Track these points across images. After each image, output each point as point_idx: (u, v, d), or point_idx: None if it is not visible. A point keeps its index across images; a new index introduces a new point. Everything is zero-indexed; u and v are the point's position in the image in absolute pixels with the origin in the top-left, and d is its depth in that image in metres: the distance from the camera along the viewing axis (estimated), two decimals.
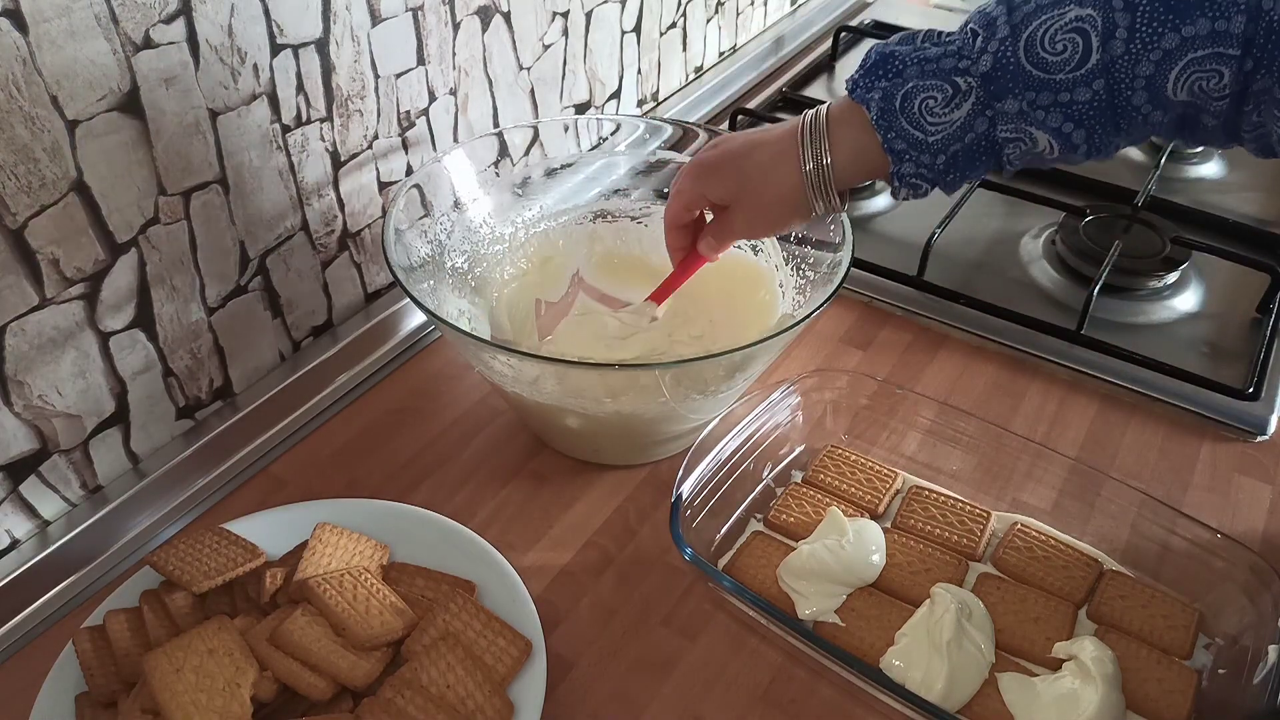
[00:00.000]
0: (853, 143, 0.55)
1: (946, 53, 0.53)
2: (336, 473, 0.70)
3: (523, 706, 0.53)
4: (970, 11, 0.54)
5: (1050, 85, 0.50)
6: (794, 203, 0.57)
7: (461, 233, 0.73)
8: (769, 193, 0.58)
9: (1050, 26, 0.49)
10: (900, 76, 0.53)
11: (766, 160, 0.57)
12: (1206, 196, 1.00)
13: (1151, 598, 0.60)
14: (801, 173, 0.56)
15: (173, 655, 0.50)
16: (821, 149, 0.55)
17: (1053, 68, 0.49)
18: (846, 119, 0.55)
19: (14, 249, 0.54)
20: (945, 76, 0.52)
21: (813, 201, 0.57)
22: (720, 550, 0.64)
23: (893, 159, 0.54)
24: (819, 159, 0.55)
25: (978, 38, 0.52)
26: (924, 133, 0.53)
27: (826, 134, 0.55)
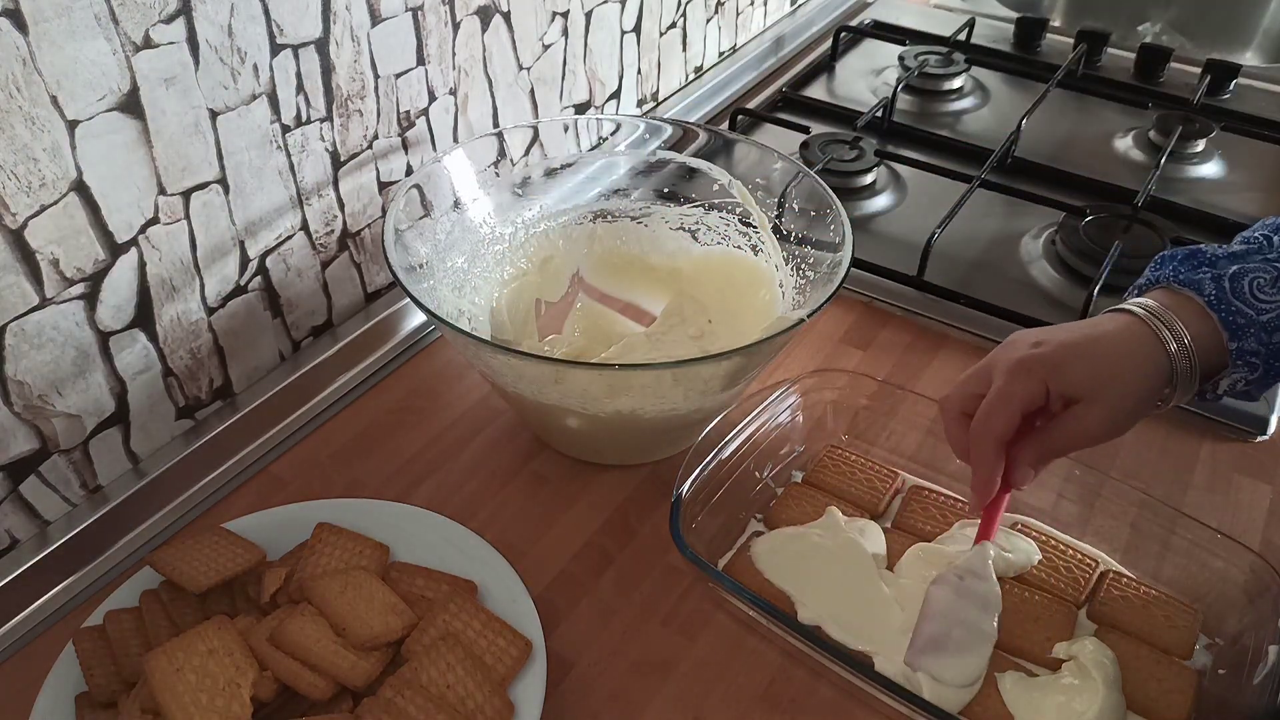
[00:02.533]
0: (1192, 328, 0.53)
1: (1248, 249, 0.56)
2: (336, 473, 0.70)
3: (523, 706, 0.53)
4: None
5: None
6: (1155, 390, 0.54)
7: (461, 233, 0.73)
8: (1136, 380, 0.53)
9: None
10: (1216, 266, 0.55)
11: (1126, 349, 0.53)
12: (1206, 196, 1.00)
13: (1151, 598, 0.60)
14: (1167, 354, 0.53)
15: (173, 655, 0.50)
16: (1179, 330, 0.53)
17: None
18: (1174, 306, 0.54)
19: (14, 249, 0.54)
20: (1262, 262, 0.54)
21: (1176, 383, 0.54)
22: (720, 550, 0.64)
23: (1231, 335, 0.53)
24: (1181, 339, 0.53)
25: (1272, 240, 0.55)
26: (1256, 311, 0.53)
27: (1177, 318, 0.54)
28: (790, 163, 0.74)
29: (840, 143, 1.02)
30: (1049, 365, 0.53)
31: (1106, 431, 0.54)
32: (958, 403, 0.57)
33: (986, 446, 0.54)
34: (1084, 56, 1.21)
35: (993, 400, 0.54)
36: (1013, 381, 0.53)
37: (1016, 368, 0.54)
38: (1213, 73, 1.16)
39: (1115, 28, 1.27)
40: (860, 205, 0.98)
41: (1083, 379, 0.53)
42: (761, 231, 0.75)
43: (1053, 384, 0.53)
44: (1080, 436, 0.54)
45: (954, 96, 1.18)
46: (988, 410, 0.54)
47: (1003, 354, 0.55)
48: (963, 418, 0.56)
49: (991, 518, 0.58)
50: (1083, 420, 0.54)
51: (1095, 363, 0.53)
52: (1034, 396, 0.54)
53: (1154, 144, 1.07)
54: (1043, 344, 0.54)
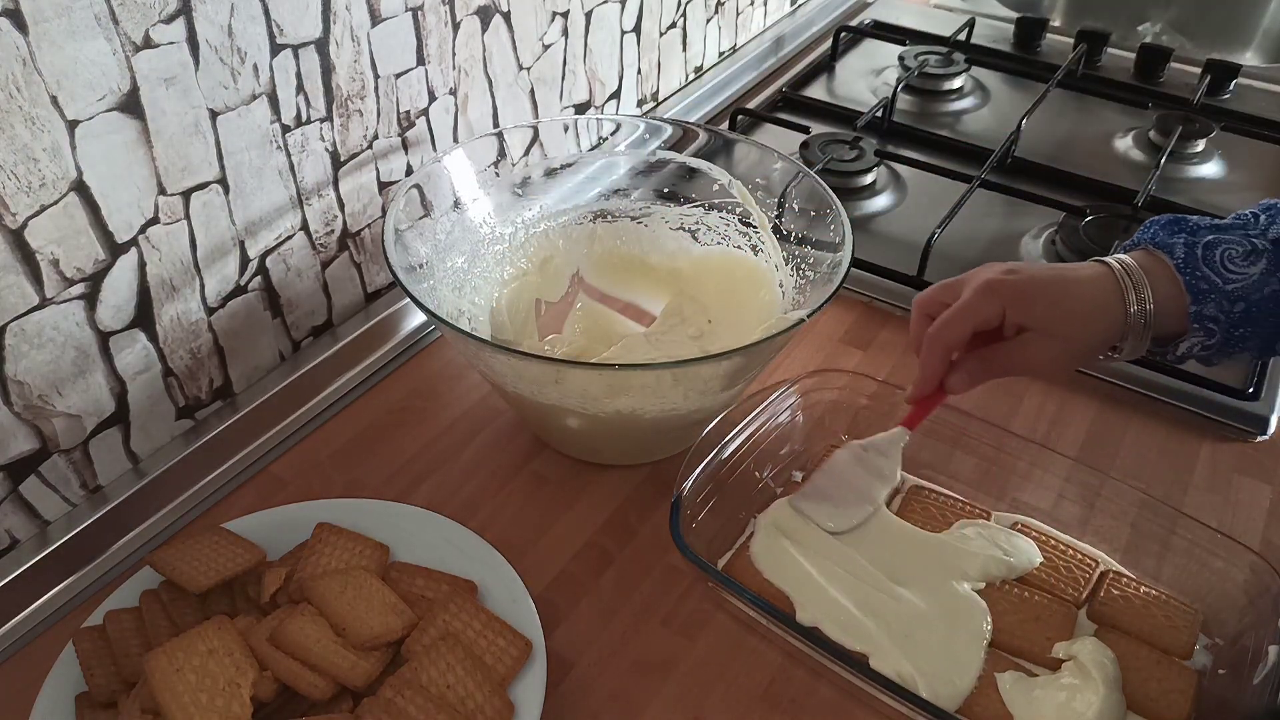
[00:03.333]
0: (1160, 290, 0.56)
1: (1233, 223, 0.58)
2: (336, 473, 0.70)
3: (523, 706, 0.53)
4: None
5: None
6: (1104, 341, 0.57)
7: (461, 233, 0.73)
8: (1089, 328, 0.57)
9: None
10: (1195, 234, 0.57)
11: (1089, 295, 0.56)
12: (1206, 196, 1.00)
13: (1151, 598, 0.60)
14: (1126, 312, 0.56)
15: (173, 655, 0.50)
16: (1145, 293, 0.56)
17: None
18: (1148, 268, 0.57)
19: (14, 249, 0.54)
20: (1240, 235, 0.57)
21: (1129, 341, 0.57)
22: (720, 550, 0.64)
23: (1194, 298, 0.56)
24: (1143, 302, 0.56)
25: (1259, 218, 0.58)
26: (1223, 279, 0.56)
27: (1146, 280, 0.56)
28: (790, 163, 0.74)
29: (840, 143, 1.02)
30: (1014, 292, 0.56)
31: (1047, 366, 0.58)
32: (925, 305, 0.60)
33: (936, 349, 0.58)
34: (1084, 56, 1.21)
35: (953, 310, 0.57)
36: (975, 299, 0.57)
37: (984, 287, 0.57)
38: (1213, 73, 1.16)
39: (1115, 28, 1.27)
40: (860, 205, 0.98)
41: (1040, 314, 0.56)
42: (761, 231, 0.75)
43: (1011, 311, 0.56)
44: (1022, 364, 0.58)
45: (954, 96, 1.18)
46: (946, 318, 0.58)
47: (977, 273, 0.58)
48: (925, 319, 0.60)
49: (920, 412, 0.63)
50: (1028, 349, 0.57)
51: (1057, 302, 0.56)
52: (991, 317, 0.57)
53: (1154, 144, 1.07)
54: (1015, 271, 0.57)
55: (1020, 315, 0.56)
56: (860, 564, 0.61)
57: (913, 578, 0.60)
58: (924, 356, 0.59)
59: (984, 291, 0.57)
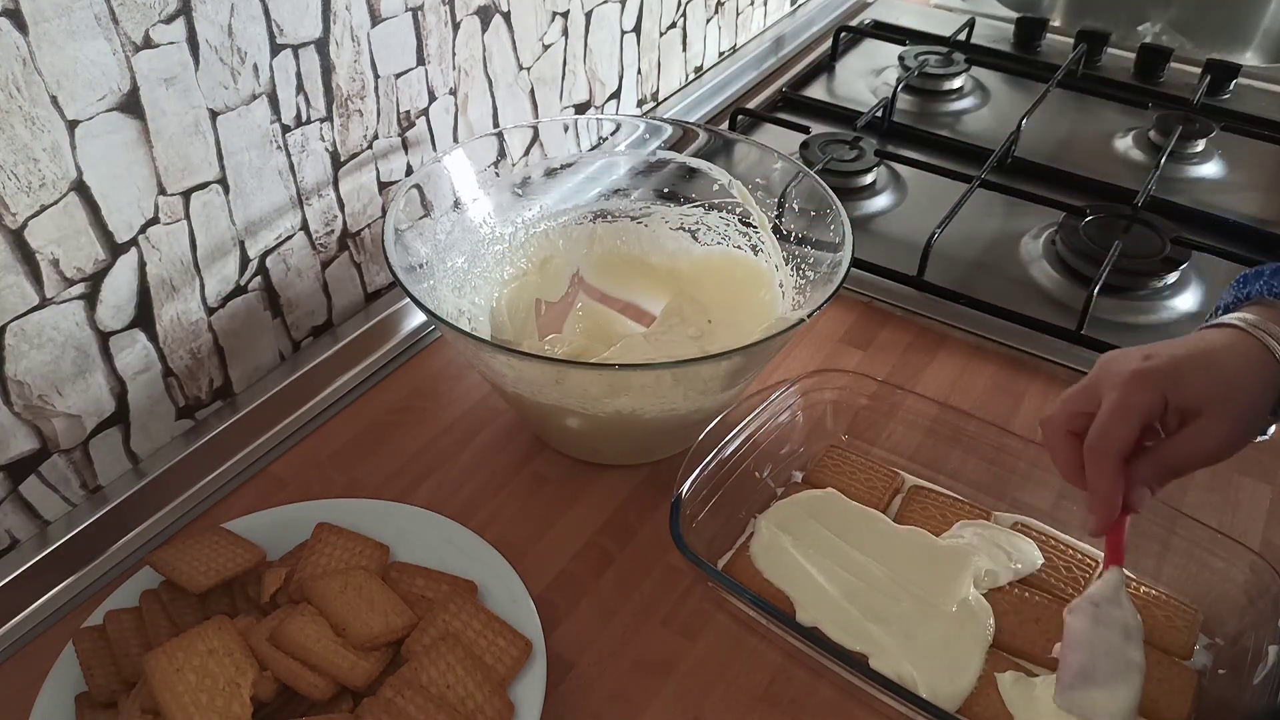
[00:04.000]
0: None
1: None
2: (336, 473, 0.70)
3: (523, 706, 0.53)
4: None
5: None
6: (1270, 402, 0.52)
7: (461, 233, 0.73)
8: (1253, 395, 0.51)
9: None
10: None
11: (1238, 361, 0.51)
12: (1206, 196, 1.00)
13: (1151, 598, 0.60)
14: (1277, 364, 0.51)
15: (173, 655, 0.50)
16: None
17: None
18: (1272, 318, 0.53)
19: (14, 249, 0.54)
20: None
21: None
22: (720, 550, 0.64)
23: None
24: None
25: None
26: None
27: None
28: (790, 163, 0.74)
29: (840, 143, 1.02)
30: (1167, 376, 0.51)
31: (1228, 446, 0.52)
32: (1063, 421, 0.54)
33: (1106, 463, 0.51)
34: (1084, 56, 1.21)
35: (1110, 414, 0.51)
36: (1130, 394, 0.51)
37: (1133, 379, 0.51)
38: (1213, 73, 1.16)
39: (1115, 28, 1.27)
40: (860, 205, 0.98)
41: (1203, 390, 0.51)
42: (761, 231, 0.75)
43: (1172, 396, 0.51)
44: (1202, 453, 0.52)
45: (954, 96, 1.18)
46: (1106, 424, 0.51)
47: (1111, 367, 0.53)
48: (1069, 437, 0.53)
49: (1117, 539, 0.55)
50: (1205, 435, 0.51)
51: (1213, 374, 0.51)
52: (1153, 409, 0.51)
53: (1154, 144, 1.07)
54: (1153, 357, 0.52)
55: (1183, 399, 0.51)
56: (861, 564, 0.61)
57: (914, 578, 0.60)
58: (1094, 475, 0.52)
59: (1136, 385, 0.51)
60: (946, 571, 0.60)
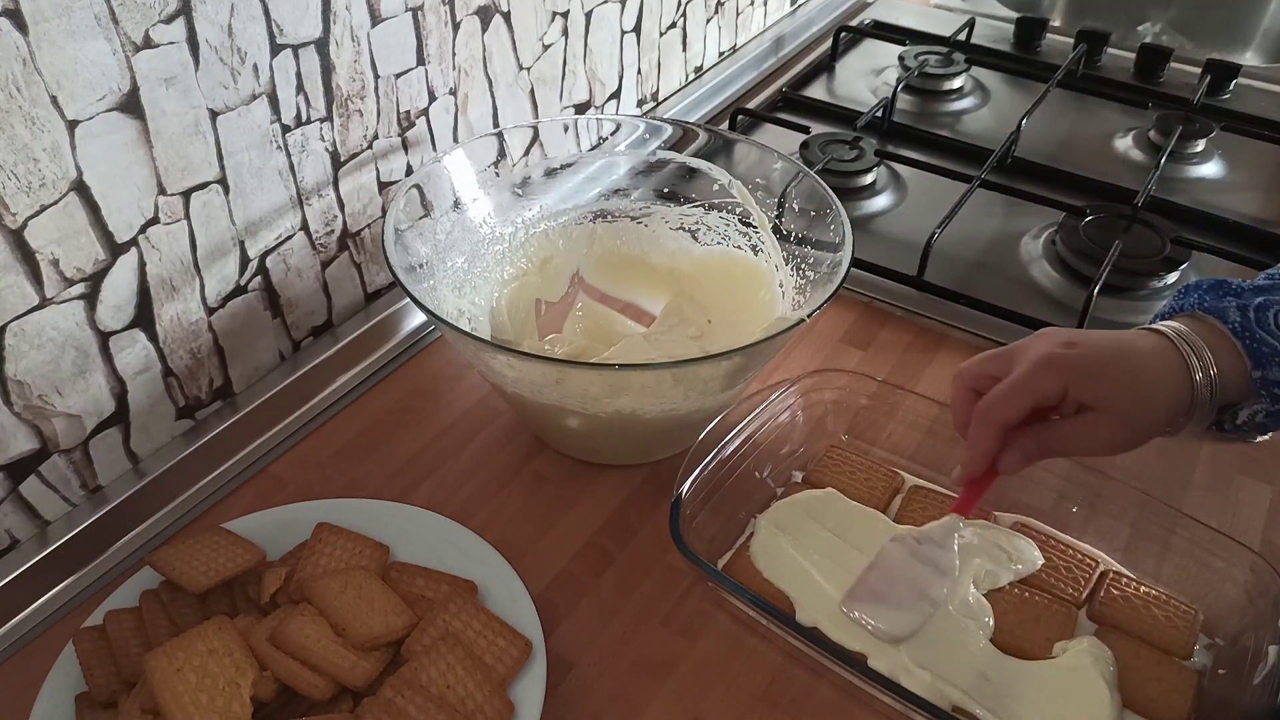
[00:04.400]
0: (1219, 357, 0.53)
1: (1274, 285, 0.56)
2: (336, 473, 0.70)
3: (523, 706, 0.53)
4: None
5: None
6: (1172, 417, 0.54)
7: (461, 233, 0.73)
8: (1157, 405, 0.53)
9: None
10: (1241, 296, 0.55)
11: (1154, 369, 0.53)
12: (1206, 196, 1.00)
13: (1151, 598, 0.60)
14: (1191, 382, 0.53)
15: (173, 655, 0.50)
16: (1207, 360, 0.53)
17: None
18: (1203, 334, 0.54)
19: (14, 249, 0.54)
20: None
21: (1195, 414, 0.54)
22: (720, 550, 0.64)
23: (1255, 363, 0.53)
24: (1207, 370, 0.53)
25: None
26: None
27: (1205, 346, 0.53)
28: (790, 163, 0.74)
29: (840, 143, 1.02)
30: (1076, 368, 0.53)
31: (1113, 445, 0.53)
32: (970, 379, 0.56)
33: (988, 427, 0.54)
34: (1084, 56, 1.21)
35: (1009, 385, 0.53)
36: (1035, 374, 0.53)
37: (1042, 362, 0.53)
38: (1213, 73, 1.16)
39: (1115, 28, 1.27)
40: (860, 205, 0.98)
41: (1105, 390, 0.52)
42: (761, 231, 0.75)
43: (1074, 388, 0.53)
44: (1085, 444, 0.54)
45: (954, 96, 1.18)
46: (1001, 393, 0.54)
47: (1032, 345, 0.55)
48: (970, 393, 0.56)
49: (972, 495, 0.59)
50: (1094, 429, 0.53)
51: (1122, 377, 0.52)
52: (1051, 394, 0.53)
53: (1154, 144, 1.07)
54: (1075, 345, 0.53)
55: (1084, 394, 0.53)
56: (862, 564, 0.61)
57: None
58: (974, 434, 0.55)
59: (1043, 367, 0.53)
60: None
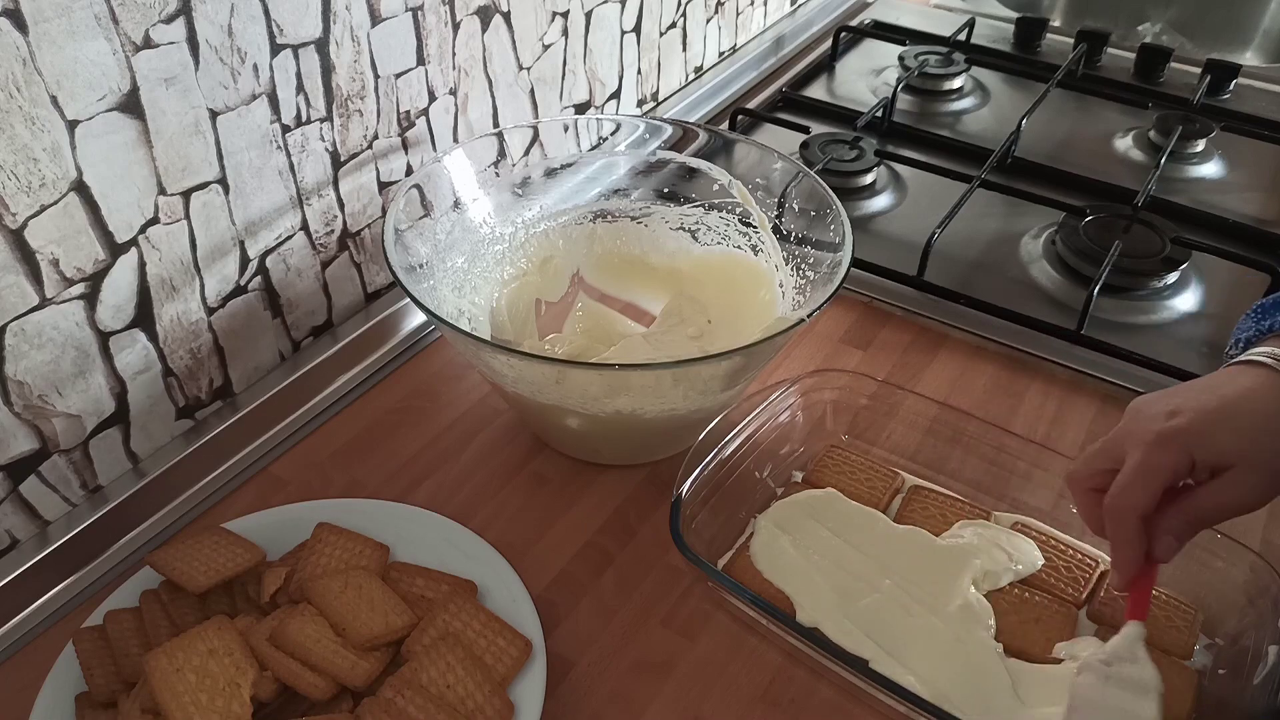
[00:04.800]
0: None
1: None
2: (336, 473, 0.70)
3: (523, 706, 0.53)
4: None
5: None
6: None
7: (461, 233, 0.73)
8: None
9: None
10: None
11: (1267, 406, 0.50)
12: (1206, 196, 1.00)
13: (1152, 598, 0.59)
14: None
15: (173, 655, 0.50)
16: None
17: None
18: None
19: (14, 249, 0.54)
20: None
21: None
22: (720, 550, 0.64)
23: None
24: None
25: None
26: None
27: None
28: (790, 163, 0.74)
29: (840, 143, 1.02)
30: (1193, 437, 0.50)
31: (1259, 498, 0.51)
32: (1086, 479, 0.54)
33: (1127, 523, 0.51)
34: (1084, 56, 1.21)
35: (1132, 474, 0.51)
36: (1154, 455, 0.50)
37: (1157, 441, 0.50)
38: (1213, 73, 1.16)
39: (1115, 28, 1.27)
40: (860, 205, 0.98)
41: (1230, 447, 0.50)
42: (761, 231, 0.75)
43: (1199, 455, 0.50)
44: (1231, 506, 0.51)
45: (954, 96, 1.18)
46: (1127, 486, 0.51)
47: (1135, 426, 0.52)
48: (1092, 494, 0.53)
49: (1140, 595, 0.54)
50: (1236, 488, 0.50)
51: (1242, 429, 0.50)
52: (1178, 470, 0.50)
53: (1154, 144, 1.07)
54: (1179, 413, 0.51)
55: (1210, 457, 0.50)
56: (862, 564, 0.61)
57: (915, 579, 0.60)
58: (1115, 534, 0.52)
59: (1159, 447, 0.50)
60: (947, 571, 0.60)
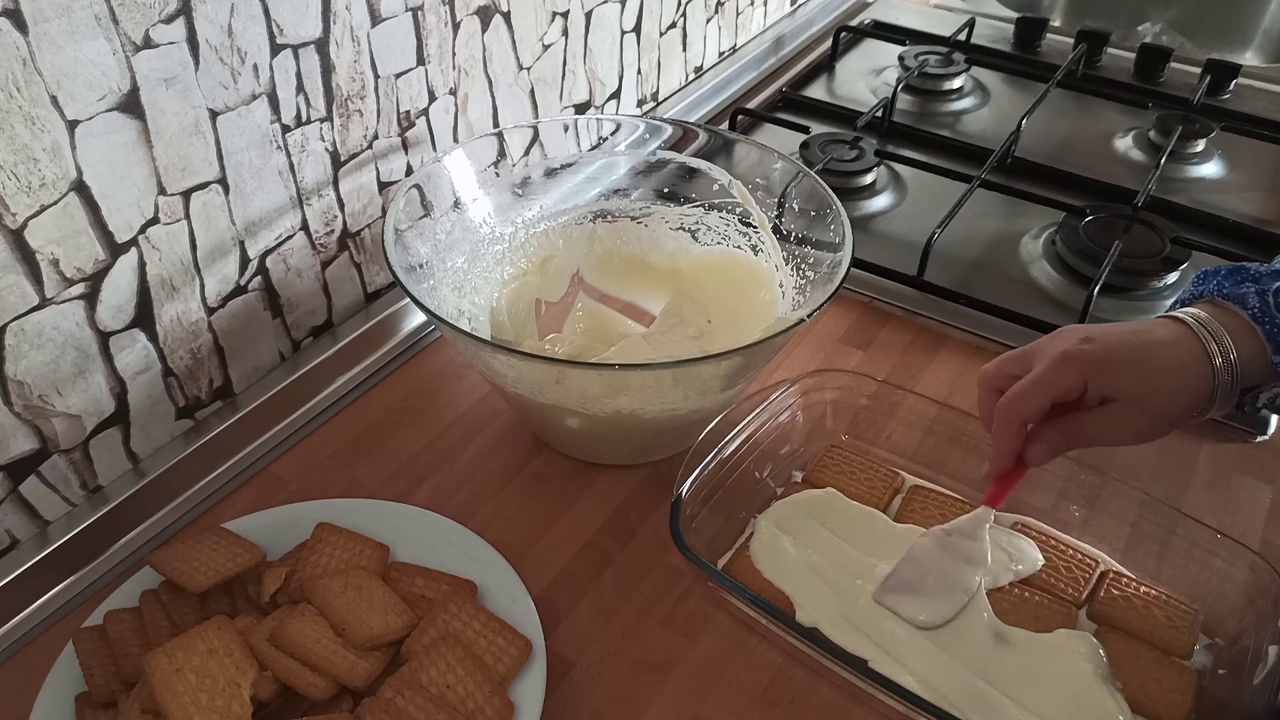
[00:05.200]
0: (1239, 342, 0.54)
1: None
2: (336, 473, 0.70)
3: (523, 706, 0.53)
4: None
5: None
6: (1196, 404, 0.54)
7: (461, 233, 0.73)
8: (1177, 393, 0.54)
9: None
10: (1259, 281, 0.55)
11: (1173, 358, 0.54)
12: (1206, 196, 1.00)
13: (1151, 598, 0.60)
14: (1212, 368, 0.53)
15: (173, 655, 0.50)
16: (1226, 345, 0.53)
17: None
18: (1222, 320, 0.54)
19: (14, 249, 0.54)
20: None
21: (1218, 399, 0.54)
22: (720, 550, 0.64)
23: (1275, 348, 0.53)
24: (1227, 355, 0.53)
25: None
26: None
27: (1225, 332, 0.54)
28: (790, 163, 0.74)
29: (840, 143, 1.02)
30: (1095, 363, 0.54)
31: (1136, 436, 0.55)
32: (993, 378, 0.58)
33: (1011, 424, 0.56)
34: (1084, 56, 1.21)
35: (1028, 383, 0.55)
36: (1054, 371, 0.54)
37: (1061, 359, 0.54)
38: (1213, 73, 1.16)
39: (1115, 28, 1.27)
40: (860, 205, 0.98)
41: (1126, 383, 0.54)
42: (761, 231, 0.75)
43: (1094, 382, 0.54)
44: (1108, 435, 0.55)
45: (954, 96, 1.18)
46: (1020, 391, 0.55)
47: (1050, 343, 0.56)
48: (994, 393, 0.57)
49: (1002, 489, 0.59)
50: (1116, 420, 0.54)
51: (1142, 369, 0.53)
52: (1071, 389, 0.54)
53: (1154, 144, 1.07)
54: (1092, 340, 0.54)
55: (1104, 386, 0.54)
56: (862, 564, 0.61)
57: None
58: (997, 431, 0.57)
59: (1061, 363, 0.54)
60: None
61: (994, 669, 0.56)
